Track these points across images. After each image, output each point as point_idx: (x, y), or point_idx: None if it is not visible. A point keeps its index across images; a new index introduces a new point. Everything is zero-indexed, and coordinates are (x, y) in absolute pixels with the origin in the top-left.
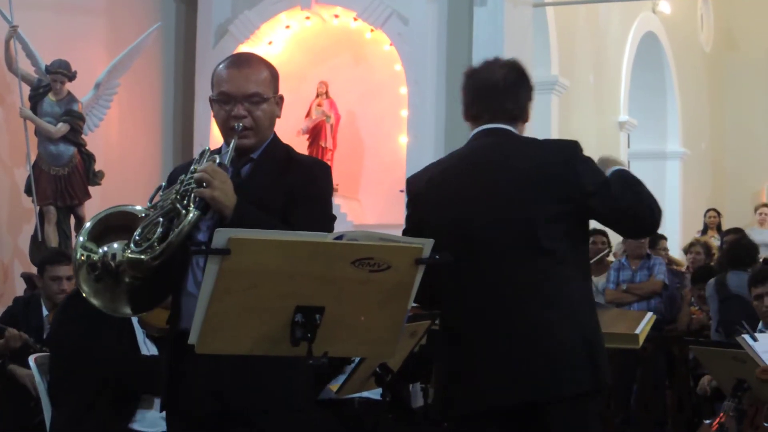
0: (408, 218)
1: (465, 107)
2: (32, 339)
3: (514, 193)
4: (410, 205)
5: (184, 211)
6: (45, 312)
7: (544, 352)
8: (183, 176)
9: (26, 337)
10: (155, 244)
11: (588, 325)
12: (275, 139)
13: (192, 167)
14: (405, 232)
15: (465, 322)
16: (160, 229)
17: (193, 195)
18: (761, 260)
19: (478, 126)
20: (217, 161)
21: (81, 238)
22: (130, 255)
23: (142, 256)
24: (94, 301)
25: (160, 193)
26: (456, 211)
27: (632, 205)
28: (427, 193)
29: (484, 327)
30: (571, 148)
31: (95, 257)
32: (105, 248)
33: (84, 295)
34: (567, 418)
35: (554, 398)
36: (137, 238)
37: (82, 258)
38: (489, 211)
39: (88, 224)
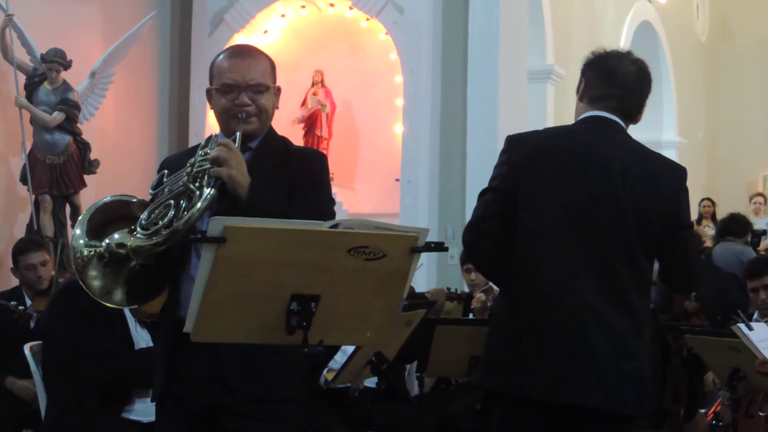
0: (501, 176)
1: (586, 85)
2: (14, 303)
3: (623, 196)
4: (507, 164)
5: (198, 192)
6: (29, 302)
7: (607, 362)
8: (192, 159)
9: (2, 302)
10: (165, 227)
11: (647, 348)
12: (272, 130)
13: (200, 151)
14: (493, 192)
15: (541, 305)
16: (171, 212)
17: (207, 175)
18: (751, 233)
19: (594, 109)
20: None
21: (81, 240)
22: (137, 240)
23: (152, 240)
24: (96, 283)
25: (165, 179)
26: (559, 194)
27: (698, 260)
28: (530, 161)
29: (558, 318)
30: (683, 174)
31: (101, 249)
32: (107, 240)
33: (87, 280)
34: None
35: (608, 412)
36: (144, 222)
37: (90, 254)
38: (594, 206)
39: (82, 222)
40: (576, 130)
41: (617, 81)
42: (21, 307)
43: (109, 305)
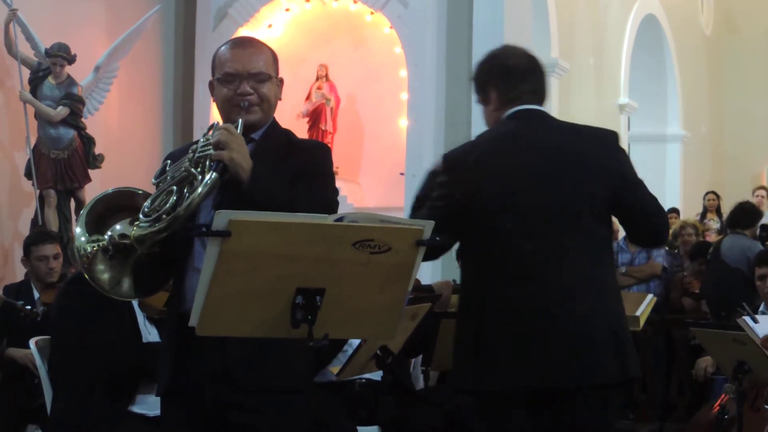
0: (445, 196)
1: (498, 93)
2: (21, 302)
3: (564, 176)
4: (451, 183)
5: (200, 176)
6: (36, 295)
7: (578, 338)
8: (195, 146)
9: (3, 298)
10: (167, 213)
11: (618, 315)
12: (275, 122)
13: (202, 138)
14: (439, 209)
15: (501, 297)
16: (173, 198)
17: (209, 159)
18: (759, 226)
19: (513, 107)
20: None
21: (83, 237)
22: (139, 229)
23: (154, 227)
24: (105, 276)
25: (168, 168)
26: (507, 192)
27: (660, 211)
28: (475, 169)
29: (520, 306)
30: (614, 136)
31: (104, 242)
32: (110, 232)
33: (95, 275)
34: (590, 406)
35: (584, 386)
36: (146, 209)
37: (95, 249)
38: (540, 194)
39: (81, 219)
40: (508, 129)
41: (523, 74)
42: (28, 307)
43: (118, 298)
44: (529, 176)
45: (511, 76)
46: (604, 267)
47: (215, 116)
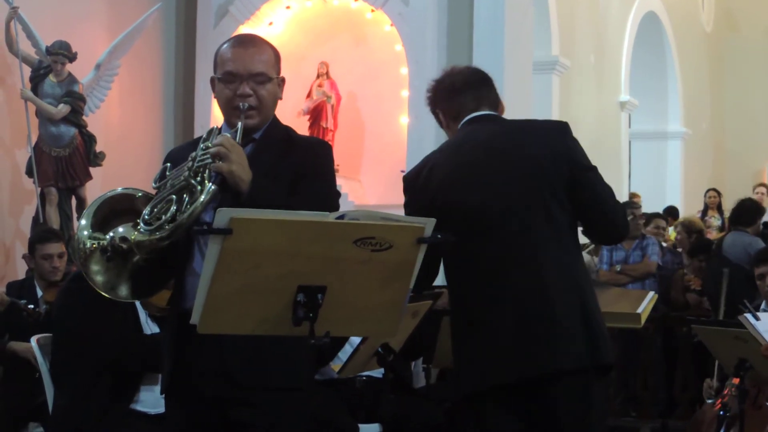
0: (412, 215)
1: (443, 114)
2: (23, 301)
3: (522, 169)
4: (412, 202)
5: (199, 187)
6: (39, 293)
7: (542, 327)
8: (194, 154)
9: (8, 299)
10: (168, 222)
11: (586, 302)
12: (275, 120)
13: (202, 144)
14: None
15: (470, 301)
16: (173, 207)
17: (208, 170)
18: (762, 223)
19: (460, 120)
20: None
21: (86, 231)
22: (140, 235)
23: (155, 235)
24: (100, 278)
25: (168, 173)
26: (464, 189)
27: (614, 202)
28: (430, 182)
29: (486, 305)
30: (565, 125)
31: (104, 242)
32: (111, 233)
33: (90, 274)
34: (568, 395)
35: (552, 373)
36: (146, 217)
37: (94, 246)
38: (495, 190)
39: (87, 214)
40: (458, 137)
41: (460, 88)
42: (31, 306)
43: (115, 299)
44: (477, 175)
45: (450, 93)
46: (571, 254)
47: (216, 113)
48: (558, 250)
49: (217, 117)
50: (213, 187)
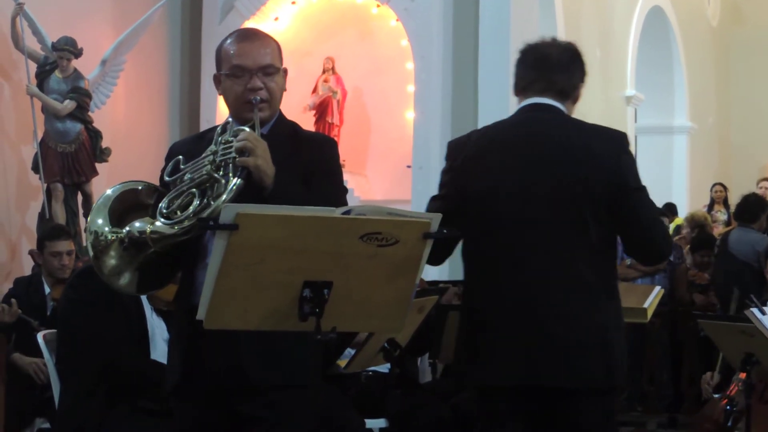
0: (446, 184)
1: (516, 79)
2: (37, 322)
3: (566, 173)
4: (451, 171)
5: (223, 181)
6: (47, 290)
7: (565, 342)
8: (213, 147)
9: (20, 312)
10: (190, 217)
11: (607, 320)
12: (281, 115)
13: (219, 139)
14: (441, 198)
15: (494, 295)
16: (196, 201)
17: (232, 164)
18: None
19: (527, 98)
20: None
21: (107, 227)
22: (159, 228)
23: (174, 229)
24: (111, 262)
25: (182, 166)
26: (502, 182)
27: (660, 224)
28: (476, 159)
29: (511, 304)
30: (622, 139)
31: (122, 235)
32: (128, 227)
33: (102, 262)
34: (579, 411)
35: (570, 389)
36: (165, 210)
37: (113, 238)
38: (536, 187)
39: (102, 212)
40: (512, 121)
41: (539, 64)
42: (42, 328)
43: (114, 287)
44: (522, 166)
45: (528, 64)
46: (596, 268)
47: (222, 109)
48: (584, 266)
49: (222, 112)
50: (239, 181)
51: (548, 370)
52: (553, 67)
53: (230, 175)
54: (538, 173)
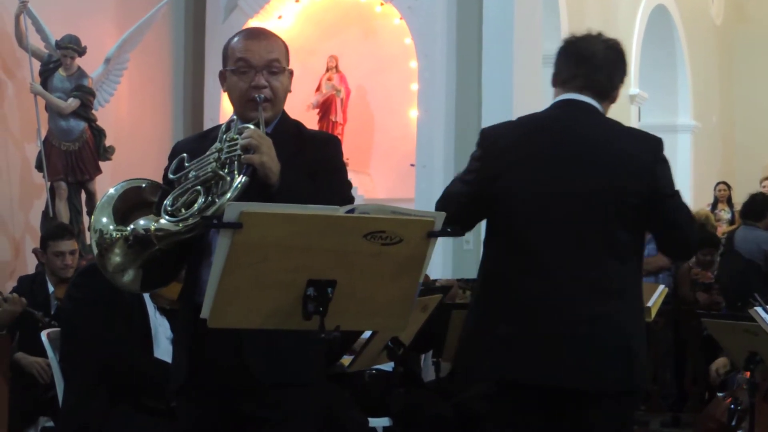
0: (475, 170)
1: (556, 71)
2: (41, 313)
3: (598, 174)
4: (482, 159)
5: (228, 178)
6: (51, 288)
7: (588, 344)
8: (218, 145)
9: (25, 302)
10: (195, 214)
11: (635, 325)
12: (285, 114)
13: (224, 136)
14: (468, 183)
15: (517, 290)
16: (201, 199)
17: (237, 162)
18: None
19: (565, 92)
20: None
21: (111, 226)
22: (163, 225)
23: (179, 226)
24: (116, 259)
25: (186, 163)
26: (533, 178)
27: (690, 226)
28: (508, 150)
29: (536, 302)
30: (659, 144)
31: (127, 233)
32: (133, 225)
33: (106, 260)
34: (598, 416)
35: (592, 392)
36: (169, 208)
37: (118, 236)
38: (568, 186)
39: (106, 211)
40: (548, 115)
41: (581, 60)
42: (47, 318)
43: (118, 285)
44: (555, 164)
45: (569, 57)
46: (623, 271)
47: (225, 107)
48: (611, 269)
49: (226, 110)
50: (244, 178)
51: (570, 372)
52: (596, 66)
53: (235, 172)
54: (571, 172)
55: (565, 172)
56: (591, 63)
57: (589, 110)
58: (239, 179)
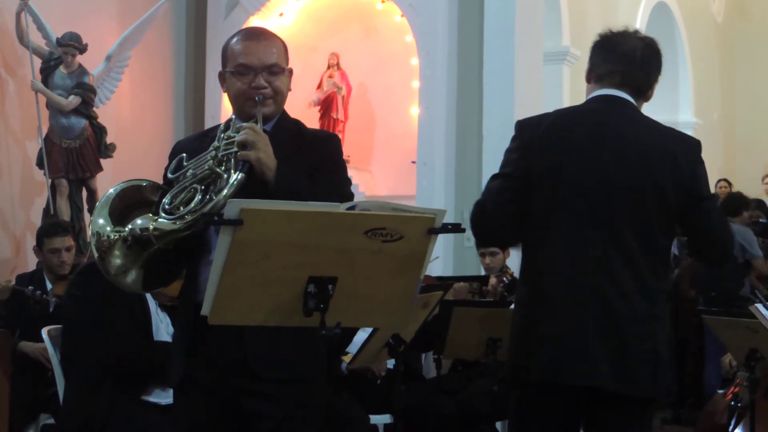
0: (513, 162)
1: (591, 66)
2: (30, 288)
3: (640, 171)
4: (520, 149)
5: (225, 175)
6: (49, 285)
7: (622, 346)
8: (216, 143)
9: (12, 286)
10: (192, 211)
11: (663, 330)
12: (285, 113)
13: (223, 134)
14: (506, 176)
15: (557, 289)
16: (198, 197)
17: (234, 159)
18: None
19: (601, 88)
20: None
21: (108, 227)
22: (161, 224)
23: (177, 224)
24: (117, 262)
25: (185, 162)
26: (572, 174)
27: (727, 231)
28: (546, 141)
29: (578, 303)
30: (698, 146)
31: (125, 233)
32: (130, 225)
33: (107, 262)
34: (623, 421)
35: (619, 395)
36: (167, 206)
37: (116, 237)
38: (609, 180)
39: (102, 212)
40: (587, 109)
41: (620, 56)
42: (38, 292)
43: (121, 287)
44: (595, 162)
45: (608, 53)
46: (658, 275)
47: (226, 105)
48: (647, 271)
49: (227, 108)
50: (240, 175)
51: (604, 373)
52: (635, 63)
53: (232, 169)
54: (612, 168)
55: (604, 168)
56: (630, 59)
57: (628, 106)
58: (235, 176)
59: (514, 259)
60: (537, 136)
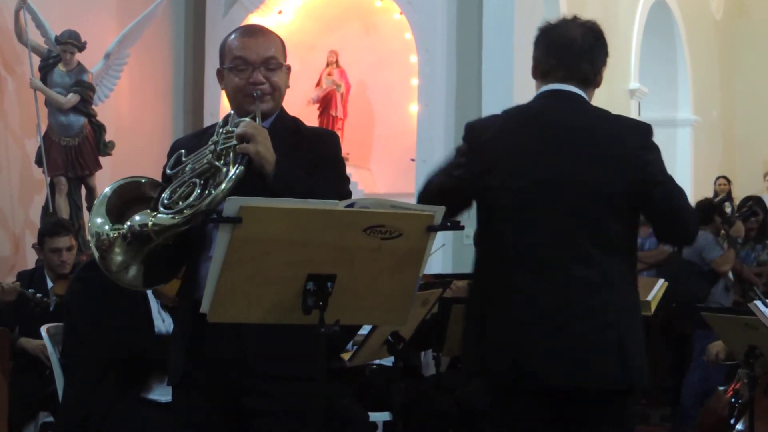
0: (463, 165)
1: (535, 62)
2: (31, 290)
3: (584, 164)
4: (470, 153)
5: (224, 169)
6: (50, 284)
7: (582, 340)
8: (215, 138)
9: (21, 289)
10: (190, 206)
11: (628, 319)
12: (283, 110)
13: (220, 130)
14: (456, 178)
15: (507, 287)
16: (197, 191)
17: (233, 152)
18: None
19: (546, 84)
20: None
21: (107, 226)
22: (160, 219)
23: (176, 219)
24: (118, 258)
25: (183, 158)
26: (522, 172)
27: (686, 211)
28: (494, 144)
29: (526, 297)
30: (648, 132)
31: (124, 231)
32: (129, 222)
33: (108, 260)
34: (595, 413)
35: (587, 390)
36: (166, 201)
37: (115, 235)
38: (556, 177)
39: (100, 211)
40: (533, 107)
41: (561, 49)
42: (39, 295)
43: (122, 284)
44: (541, 156)
45: (549, 47)
46: (615, 264)
47: (225, 103)
48: (605, 257)
49: (226, 106)
50: (240, 169)
51: (565, 370)
52: (575, 54)
53: (231, 163)
54: (558, 164)
55: (551, 164)
56: (572, 53)
57: (575, 99)
58: (234, 169)
59: None
60: (484, 137)
